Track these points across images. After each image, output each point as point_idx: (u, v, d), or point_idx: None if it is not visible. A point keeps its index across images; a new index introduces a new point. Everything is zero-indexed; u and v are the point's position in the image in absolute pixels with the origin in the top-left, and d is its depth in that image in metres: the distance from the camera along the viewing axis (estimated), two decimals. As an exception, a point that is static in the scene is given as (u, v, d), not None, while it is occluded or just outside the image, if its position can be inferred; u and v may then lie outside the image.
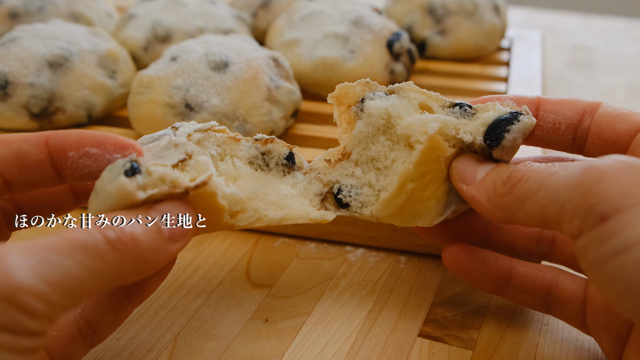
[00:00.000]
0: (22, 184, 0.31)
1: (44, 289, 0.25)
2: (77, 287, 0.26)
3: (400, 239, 0.44)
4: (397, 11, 0.71)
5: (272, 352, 0.36)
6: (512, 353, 0.36)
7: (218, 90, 0.49)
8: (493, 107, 0.34)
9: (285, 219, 0.35)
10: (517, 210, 0.30)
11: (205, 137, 0.34)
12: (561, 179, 0.27)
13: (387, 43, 0.61)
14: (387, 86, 0.37)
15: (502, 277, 0.36)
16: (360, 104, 0.37)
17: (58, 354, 0.31)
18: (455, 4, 0.68)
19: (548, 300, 0.36)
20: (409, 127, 0.34)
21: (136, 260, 0.28)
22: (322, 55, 0.59)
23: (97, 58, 0.56)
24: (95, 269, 0.26)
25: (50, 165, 0.31)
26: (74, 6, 0.67)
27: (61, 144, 0.31)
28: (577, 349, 0.37)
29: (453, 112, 0.35)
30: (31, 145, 0.31)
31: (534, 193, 0.29)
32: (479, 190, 0.32)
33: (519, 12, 1.08)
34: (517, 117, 0.33)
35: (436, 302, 0.40)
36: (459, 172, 0.33)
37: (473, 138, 0.33)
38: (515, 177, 0.30)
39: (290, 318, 0.39)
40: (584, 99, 0.35)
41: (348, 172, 0.37)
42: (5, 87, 0.52)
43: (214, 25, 0.64)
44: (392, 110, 0.35)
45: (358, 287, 0.41)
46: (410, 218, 0.35)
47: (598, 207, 0.26)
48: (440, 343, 0.37)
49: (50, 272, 0.25)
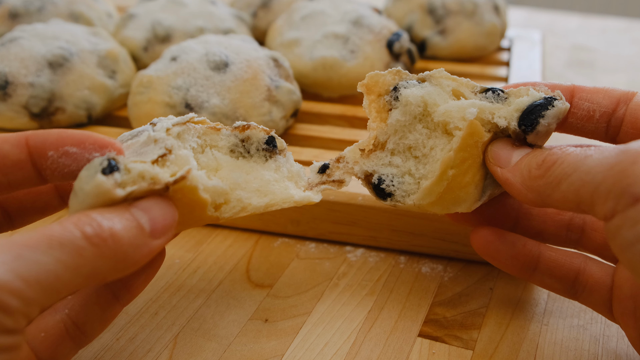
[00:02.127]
0: (4, 185, 0.31)
1: (19, 286, 0.24)
2: (54, 284, 0.25)
3: (400, 239, 0.44)
4: (397, 11, 0.71)
5: (272, 352, 0.36)
6: (512, 353, 0.36)
7: (218, 90, 0.49)
8: (526, 91, 0.34)
9: (269, 205, 0.35)
10: (551, 192, 0.30)
11: (184, 129, 0.34)
12: (596, 161, 0.28)
13: (387, 43, 0.61)
14: (417, 74, 0.37)
15: (529, 261, 0.36)
16: (393, 93, 0.37)
17: (46, 355, 0.30)
18: (455, 4, 0.68)
19: (575, 286, 0.36)
20: (446, 114, 0.35)
21: (116, 256, 0.27)
22: (322, 55, 0.59)
23: (97, 58, 0.56)
24: (73, 265, 0.26)
25: (30, 165, 0.31)
26: (74, 6, 0.67)
27: (41, 143, 0.30)
28: (577, 349, 0.37)
29: (486, 97, 0.35)
30: (11, 145, 0.30)
31: (568, 175, 0.29)
32: (514, 173, 0.32)
33: (519, 12, 1.08)
34: (552, 102, 0.33)
35: (436, 302, 0.40)
36: (494, 155, 0.34)
37: (507, 123, 0.33)
38: (550, 160, 0.30)
39: (290, 318, 0.39)
40: (619, 89, 0.35)
41: (385, 162, 0.37)
42: (5, 87, 0.52)
43: (214, 25, 0.64)
44: (428, 98, 0.36)
45: (358, 287, 0.41)
46: (450, 205, 0.35)
47: (632, 188, 0.26)
48: (440, 343, 0.37)
49: (26, 268, 0.25)
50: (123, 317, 0.39)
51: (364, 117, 0.57)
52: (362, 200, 0.43)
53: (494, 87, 0.35)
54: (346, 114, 0.57)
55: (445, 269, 0.43)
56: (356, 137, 0.54)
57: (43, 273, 0.25)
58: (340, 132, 0.54)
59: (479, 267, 0.43)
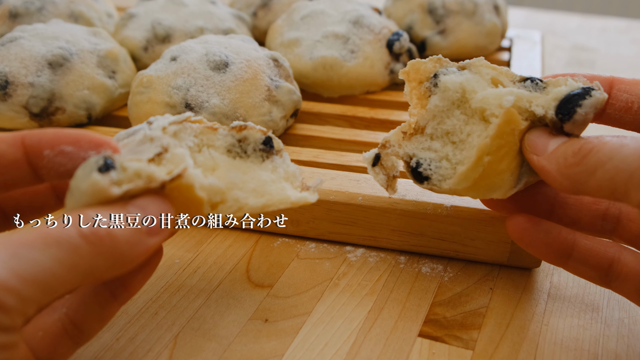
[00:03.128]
0: (0, 185, 0.31)
1: (15, 283, 0.24)
2: (51, 282, 0.25)
3: (400, 239, 0.44)
4: (397, 11, 0.71)
5: (272, 352, 0.36)
6: (512, 353, 0.36)
7: (218, 90, 0.49)
8: (565, 81, 0.34)
9: (266, 205, 0.35)
10: (586, 180, 0.30)
11: (181, 128, 0.34)
12: (632, 150, 0.28)
13: (387, 43, 0.61)
14: (457, 62, 0.38)
15: (564, 248, 0.37)
16: (433, 79, 0.38)
17: (44, 354, 0.30)
18: (455, 4, 0.68)
19: (609, 274, 0.36)
20: (484, 100, 0.35)
21: (113, 254, 0.27)
22: (322, 55, 0.59)
23: (97, 58, 0.56)
24: (70, 263, 0.26)
25: (27, 164, 0.31)
26: (74, 6, 0.67)
27: (37, 142, 0.30)
28: (577, 349, 0.37)
29: (524, 86, 0.35)
30: (7, 145, 0.30)
31: (604, 163, 0.29)
32: (550, 161, 0.33)
33: (519, 12, 1.08)
34: (589, 92, 0.33)
35: (436, 302, 0.40)
36: (531, 143, 0.34)
37: (545, 112, 0.34)
38: (586, 148, 0.31)
39: (290, 318, 0.39)
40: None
41: (424, 146, 0.38)
42: (5, 87, 0.52)
43: (214, 25, 0.64)
44: (466, 85, 0.36)
45: (358, 287, 0.41)
46: (485, 191, 0.36)
47: None
48: (440, 343, 0.37)
49: (22, 266, 0.25)
50: (123, 317, 0.39)
51: (364, 117, 0.57)
52: (362, 200, 0.43)
53: (533, 77, 0.35)
54: (346, 114, 0.57)
55: (445, 269, 0.43)
56: (356, 137, 0.54)
57: (40, 271, 0.25)
58: (340, 132, 0.54)
59: (479, 267, 0.43)
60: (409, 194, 0.43)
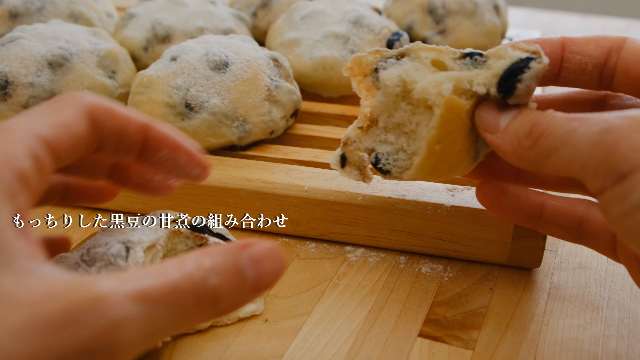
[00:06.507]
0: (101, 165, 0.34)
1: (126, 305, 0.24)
2: (153, 333, 0.25)
3: (400, 239, 0.44)
4: (397, 11, 0.71)
5: (272, 352, 0.36)
6: (512, 353, 0.36)
7: (218, 90, 0.49)
8: (505, 52, 0.34)
9: (216, 321, 0.37)
10: (542, 164, 0.31)
11: (154, 251, 0.35)
12: (581, 137, 0.28)
13: (387, 43, 0.61)
14: (397, 49, 0.37)
15: (533, 211, 0.37)
16: (374, 74, 0.37)
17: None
18: (455, 4, 0.68)
19: (579, 232, 0.37)
20: (423, 91, 0.35)
21: (211, 313, 0.27)
22: (322, 55, 0.59)
23: (97, 58, 0.56)
24: (174, 320, 0.25)
25: (137, 153, 0.32)
26: (74, 6, 0.67)
27: (158, 139, 0.32)
28: (577, 349, 0.37)
29: (465, 63, 0.35)
30: (133, 130, 0.32)
31: (556, 149, 0.30)
32: (504, 140, 0.33)
33: (519, 12, 1.08)
34: (528, 63, 0.32)
35: (436, 302, 0.40)
36: (482, 121, 0.34)
37: (487, 89, 0.33)
38: (537, 130, 0.31)
39: (290, 318, 0.39)
40: (610, 36, 0.35)
41: (381, 139, 0.38)
42: (5, 87, 0.52)
43: (214, 25, 0.64)
44: (406, 77, 0.36)
45: (358, 287, 0.41)
46: (446, 173, 0.36)
47: (617, 166, 0.27)
48: (440, 343, 0.37)
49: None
50: (123, 317, 0.39)
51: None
52: (362, 201, 0.43)
53: (472, 52, 0.35)
54: (346, 114, 0.57)
55: (445, 269, 0.43)
56: (356, 137, 0.54)
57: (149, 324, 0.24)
58: (340, 132, 0.54)
59: (479, 267, 0.43)
60: (409, 194, 0.43)
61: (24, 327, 0.22)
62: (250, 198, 0.45)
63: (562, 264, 0.44)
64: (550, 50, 0.35)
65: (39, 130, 0.28)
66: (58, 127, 0.29)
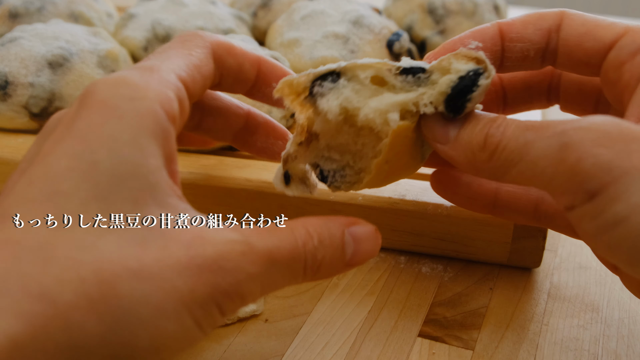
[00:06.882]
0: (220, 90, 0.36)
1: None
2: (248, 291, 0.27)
3: (400, 239, 0.44)
4: (397, 11, 0.71)
5: (272, 352, 0.36)
6: (512, 353, 0.36)
7: (218, 90, 0.49)
8: (449, 65, 0.32)
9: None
10: (502, 176, 0.30)
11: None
12: (540, 152, 0.27)
13: (387, 43, 0.61)
14: (331, 68, 0.34)
15: (487, 198, 0.37)
16: (310, 97, 0.34)
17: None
18: (455, 4, 0.68)
19: (537, 215, 0.37)
20: (368, 121, 0.33)
21: (306, 277, 0.29)
22: (322, 55, 0.59)
23: (97, 58, 0.56)
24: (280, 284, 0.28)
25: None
26: (74, 6, 0.67)
27: (268, 74, 0.36)
28: (577, 349, 0.37)
29: (407, 81, 0.33)
30: (249, 65, 0.35)
31: (515, 163, 0.29)
32: (457, 151, 0.31)
33: (519, 12, 1.08)
34: (476, 80, 0.31)
35: (436, 302, 0.40)
36: (430, 133, 0.32)
37: (435, 108, 0.32)
38: (492, 142, 0.30)
39: (290, 318, 0.39)
40: (549, 11, 0.33)
41: (325, 155, 0.36)
42: (5, 87, 0.52)
43: (214, 25, 0.64)
44: (347, 104, 0.33)
45: (358, 287, 0.41)
46: (395, 179, 0.36)
47: (585, 185, 0.26)
48: (440, 343, 0.37)
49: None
50: (123, 317, 0.39)
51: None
52: (362, 200, 0.43)
53: (414, 67, 0.32)
54: (346, 114, 0.57)
55: (445, 269, 0.43)
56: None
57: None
58: (340, 132, 0.54)
59: (479, 267, 0.43)
60: (408, 194, 0.43)
61: (184, 265, 0.24)
62: (250, 198, 0.45)
63: (562, 264, 0.44)
64: (490, 43, 0.33)
65: (179, 72, 0.29)
66: (193, 68, 0.30)
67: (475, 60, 0.31)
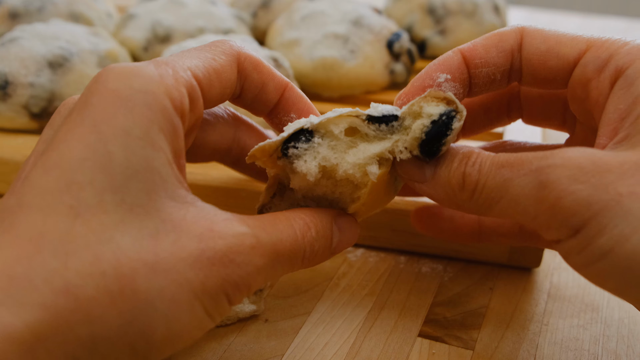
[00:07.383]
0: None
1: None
2: (253, 279, 0.28)
3: (400, 239, 0.44)
4: (397, 11, 0.71)
5: (272, 352, 0.36)
6: (512, 353, 0.36)
7: (218, 90, 0.49)
8: (420, 109, 0.31)
9: None
10: (487, 212, 0.30)
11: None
12: (519, 190, 0.28)
13: (387, 43, 0.61)
14: (301, 126, 0.33)
15: (472, 228, 0.38)
16: (285, 160, 0.33)
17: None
18: (455, 4, 0.68)
19: (522, 236, 0.38)
20: (348, 175, 0.32)
21: (302, 268, 0.31)
22: (322, 55, 0.59)
23: (97, 58, 0.56)
24: (279, 272, 0.30)
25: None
26: (74, 6, 0.67)
27: (292, 103, 0.35)
28: (577, 349, 0.37)
29: (380, 130, 0.32)
30: (274, 87, 0.34)
31: (497, 201, 0.29)
32: (436, 190, 0.32)
33: (519, 12, 1.08)
34: (450, 124, 0.31)
35: (436, 302, 0.40)
36: (406, 174, 0.33)
37: (410, 153, 0.32)
38: (470, 182, 0.30)
39: (290, 318, 0.39)
40: (508, 29, 0.33)
41: (301, 203, 0.36)
42: (5, 87, 0.52)
43: (214, 25, 0.64)
44: (325, 163, 0.33)
45: (358, 287, 0.41)
46: (371, 212, 0.37)
47: (567, 222, 0.27)
48: (440, 343, 0.37)
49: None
50: (123, 317, 0.39)
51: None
52: (362, 200, 0.43)
53: (386, 116, 0.32)
54: (346, 114, 0.57)
55: (445, 269, 0.43)
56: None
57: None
58: (340, 132, 0.54)
59: (479, 267, 0.43)
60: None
61: (196, 258, 0.25)
62: (250, 198, 0.45)
63: (562, 264, 0.44)
64: (457, 73, 0.33)
65: (195, 71, 0.29)
66: (212, 71, 0.30)
67: (445, 101, 0.31)
